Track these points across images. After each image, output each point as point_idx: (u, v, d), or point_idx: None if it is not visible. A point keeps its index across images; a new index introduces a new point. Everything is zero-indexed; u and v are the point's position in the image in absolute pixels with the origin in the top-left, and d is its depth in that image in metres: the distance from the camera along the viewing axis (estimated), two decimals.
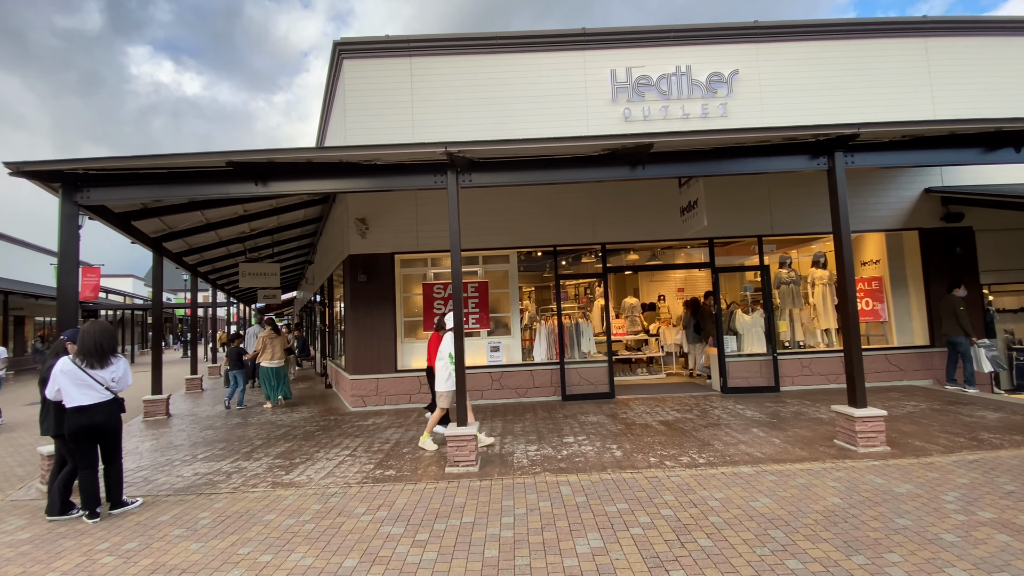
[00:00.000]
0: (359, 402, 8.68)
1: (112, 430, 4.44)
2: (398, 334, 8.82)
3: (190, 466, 5.78)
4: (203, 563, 3.46)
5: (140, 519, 4.27)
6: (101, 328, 4.58)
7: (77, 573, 3.38)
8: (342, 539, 3.73)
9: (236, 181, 5.62)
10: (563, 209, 8.87)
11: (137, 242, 8.66)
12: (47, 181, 5.40)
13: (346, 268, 9.05)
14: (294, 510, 4.31)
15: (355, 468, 5.35)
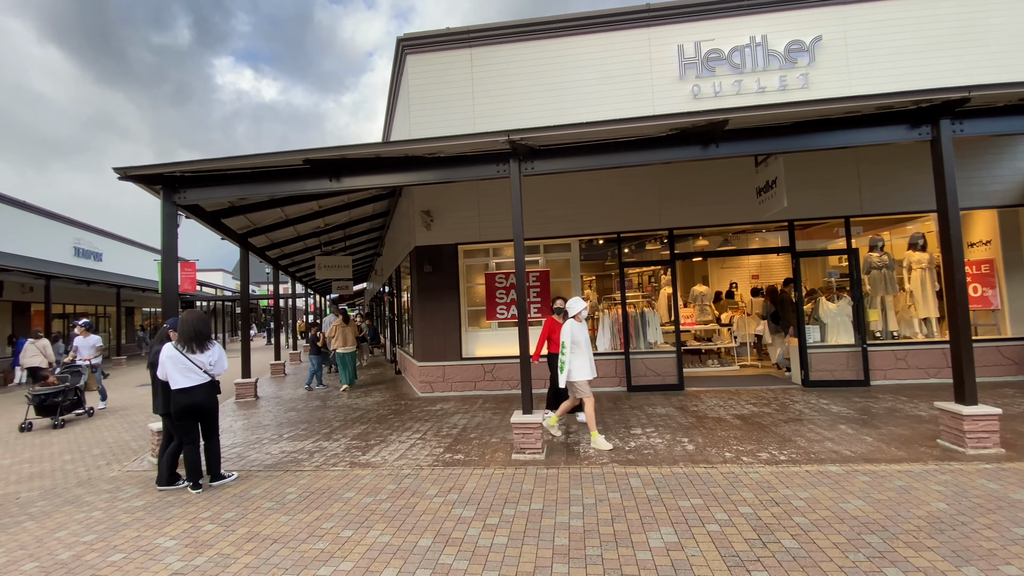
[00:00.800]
0: (427, 388, 8.90)
1: (210, 410, 4.82)
2: (462, 323, 8.94)
3: (277, 444, 6.17)
4: (291, 535, 3.67)
5: (236, 491, 4.62)
6: (197, 316, 4.97)
7: (184, 538, 3.71)
8: (416, 519, 3.83)
9: (312, 178, 5.87)
10: (627, 194, 8.57)
11: (226, 238, 9.34)
12: (149, 184, 5.91)
13: (412, 259, 9.26)
14: (371, 489, 4.48)
15: (426, 451, 5.49)
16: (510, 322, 8.92)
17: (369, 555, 3.33)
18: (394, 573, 3.11)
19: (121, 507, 4.40)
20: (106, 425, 8.16)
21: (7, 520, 4.23)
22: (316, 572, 3.14)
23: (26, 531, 3.97)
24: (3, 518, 4.27)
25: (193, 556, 3.42)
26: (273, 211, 9.18)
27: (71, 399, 8.33)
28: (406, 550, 3.37)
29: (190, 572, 3.21)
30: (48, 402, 8.06)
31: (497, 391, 8.63)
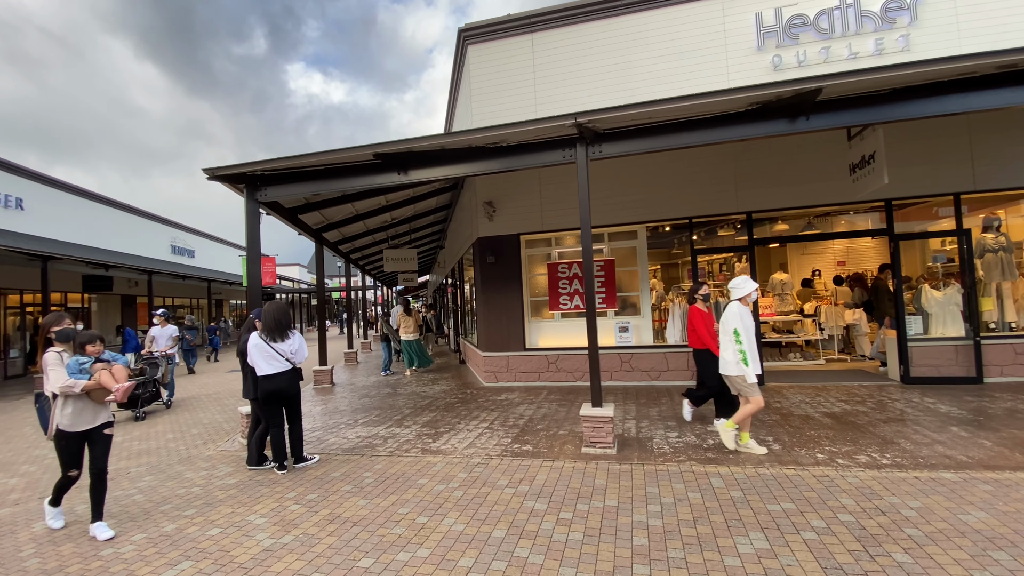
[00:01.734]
0: (491, 378, 8.92)
1: (292, 395, 5.04)
2: (525, 314, 8.85)
3: (352, 430, 6.39)
4: (370, 518, 3.75)
5: (317, 473, 4.81)
6: (278, 307, 5.20)
7: (272, 517, 3.89)
8: (489, 509, 3.79)
9: (380, 172, 5.96)
10: (700, 177, 8.07)
11: (303, 233, 9.79)
12: (234, 183, 6.25)
13: (475, 250, 9.27)
14: (443, 477, 4.51)
15: (494, 441, 5.47)
16: (573, 313, 8.73)
17: (445, 543, 3.32)
18: (470, 563, 3.07)
19: (216, 484, 4.70)
20: (201, 408, 8.85)
21: (119, 493, 4.64)
22: (395, 557, 3.17)
23: (135, 504, 4.33)
24: (115, 491, 4.69)
25: (281, 534, 3.57)
26: (344, 206, 9.51)
27: (150, 391, 8.23)
28: (480, 540, 3.33)
29: (279, 549, 3.35)
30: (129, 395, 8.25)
31: (562, 382, 8.49)
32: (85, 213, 18.68)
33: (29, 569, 3.27)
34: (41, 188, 16.64)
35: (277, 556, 3.26)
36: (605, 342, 8.28)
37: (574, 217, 8.51)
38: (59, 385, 3.64)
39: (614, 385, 8.12)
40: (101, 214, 19.80)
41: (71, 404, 3.71)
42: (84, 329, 4.68)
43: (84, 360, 3.81)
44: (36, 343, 9.93)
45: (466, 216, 10.43)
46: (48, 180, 17.13)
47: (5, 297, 15.12)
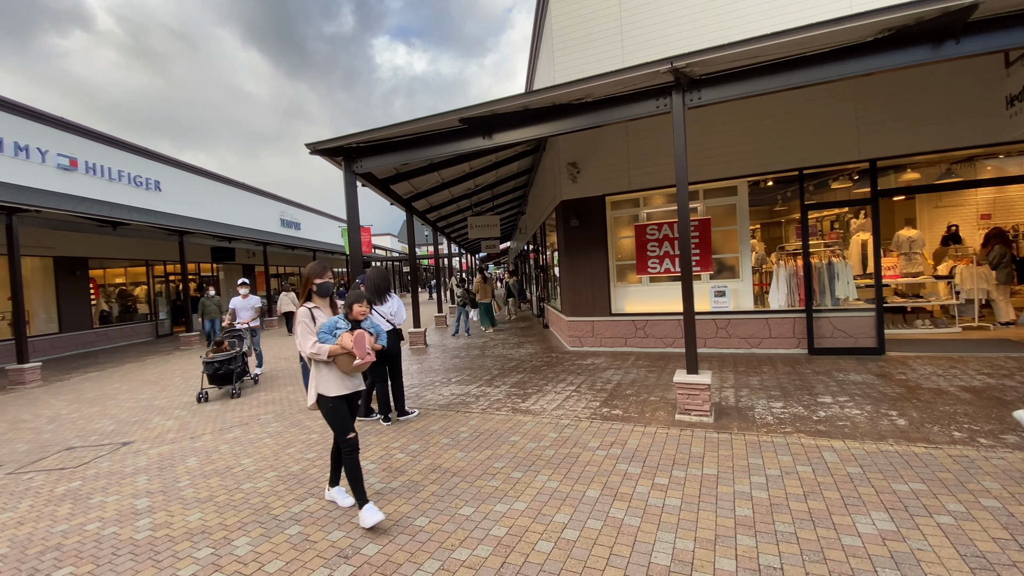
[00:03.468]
0: (576, 342, 8.88)
1: (394, 354, 5.37)
2: (611, 278, 8.62)
3: (447, 387, 6.71)
4: (468, 470, 3.94)
5: (418, 426, 5.13)
6: (378, 272, 5.48)
7: (380, 463, 4.21)
8: (581, 469, 3.81)
9: (466, 137, 5.96)
10: (812, 121, 7.17)
11: (394, 203, 10.21)
12: (332, 156, 6.60)
13: (558, 214, 9.11)
14: (534, 435, 4.60)
15: (582, 404, 5.47)
16: (663, 277, 8.34)
17: (539, 498, 3.40)
18: (565, 519, 3.12)
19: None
20: None
21: (252, 436, 5.28)
22: (493, 507, 3.31)
23: (266, 446, 4.90)
24: (249, 435, 5.34)
25: (389, 479, 3.86)
26: (431, 175, 9.73)
27: (241, 365, 7.50)
28: (574, 498, 3.36)
29: (388, 493, 3.63)
30: (223, 370, 7.19)
31: (650, 348, 8.24)
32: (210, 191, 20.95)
33: (186, 497, 3.85)
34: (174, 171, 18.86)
35: (387, 499, 3.53)
36: (700, 307, 7.84)
37: (665, 174, 8.00)
38: (306, 351, 3.22)
39: (708, 352, 7.73)
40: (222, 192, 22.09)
41: (330, 368, 3.27)
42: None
43: (341, 323, 3.31)
44: (202, 305, 11.24)
45: (548, 179, 10.24)
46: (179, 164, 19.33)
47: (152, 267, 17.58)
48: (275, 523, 3.29)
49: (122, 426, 6.08)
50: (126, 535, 3.28)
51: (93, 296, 15.11)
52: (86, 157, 14.67)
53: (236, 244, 19.38)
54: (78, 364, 11.74)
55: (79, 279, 14.32)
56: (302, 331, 3.25)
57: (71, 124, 14.30)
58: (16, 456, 5.16)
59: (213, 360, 7.17)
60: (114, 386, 8.75)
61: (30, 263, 12.60)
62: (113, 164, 15.65)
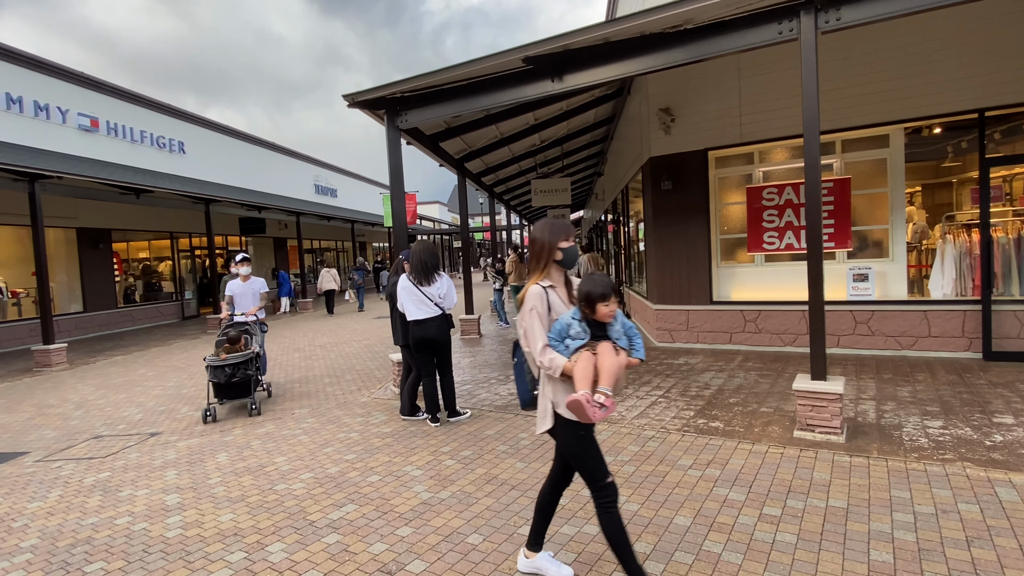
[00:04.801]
0: (665, 336, 8.76)
1: (443, 343, 5.56)
2: (713, 256, 8.38)
3: (504, 386, 6.88)
4: (529, 483, 4.03)
5: (471, 429, 5.31)
6: (424, 247, 5.67)
7: (428, 470, 4.42)
8: (668, 491, 3.79)
9: (530, 81, 5.95)
10: (1002, 44, 6.47)
11: (444, 164, 10.44)
12: (373, 109, 6.83)
13: (645, 175, 8.97)
14: (610, 447, 4.62)
15: (671, 412, 5.41)
16: (783, 255, 7.97)
17: None
18: (647, 548, 3.13)
19: (373, 431, 5.49)
20: (354, 354, 10.32)
21: (286, 432, 5.69)
22: (558, 529, 3.38)
23: (301, 444, 5.28)
24: (283, 430, 5.76)
25: (438, 489, 4.05)
26: (487, 129, 9.82)
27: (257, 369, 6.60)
28: (659, 525, 3.36)
29: (436, 504, 3.81)
30: (239, 376, 6.27)
31: (763, 347, 7.96)
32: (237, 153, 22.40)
33: (217, 495, 4.24)
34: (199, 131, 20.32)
35: (436, 511, 3.71)
36: (832, 295, 7.44)
37: (788, 121, 7.58)
38: (537, 354, 2.63)
39: (842, 353, 7.34)
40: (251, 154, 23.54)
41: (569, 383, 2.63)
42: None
43: (575, 328, 2.62)
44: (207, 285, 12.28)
45: (633, 131, 10.03)
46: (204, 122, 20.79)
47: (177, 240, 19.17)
48: (311, 529, 3.56)
49: (149, 415, 6.77)
50: (156, 532, 3.68)
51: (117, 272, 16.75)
52: (107, 116, 16.13)
53: (266, 214, 20.66)
54: (103, 346, 13.14)
55: (103, 253, 15.91)
56: (533, 324, 2.63)
57: (92, 80, 15.76)
58: (44, 443, 5.91)
59: (225, 363, 6.17)
60: (140, 371, 9.73)
61: (52, 235, 14.14)
62: (135, 124, 17.11)
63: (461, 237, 11.74)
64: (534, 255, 2.83)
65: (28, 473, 5.02)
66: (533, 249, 2.85)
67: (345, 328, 14.48)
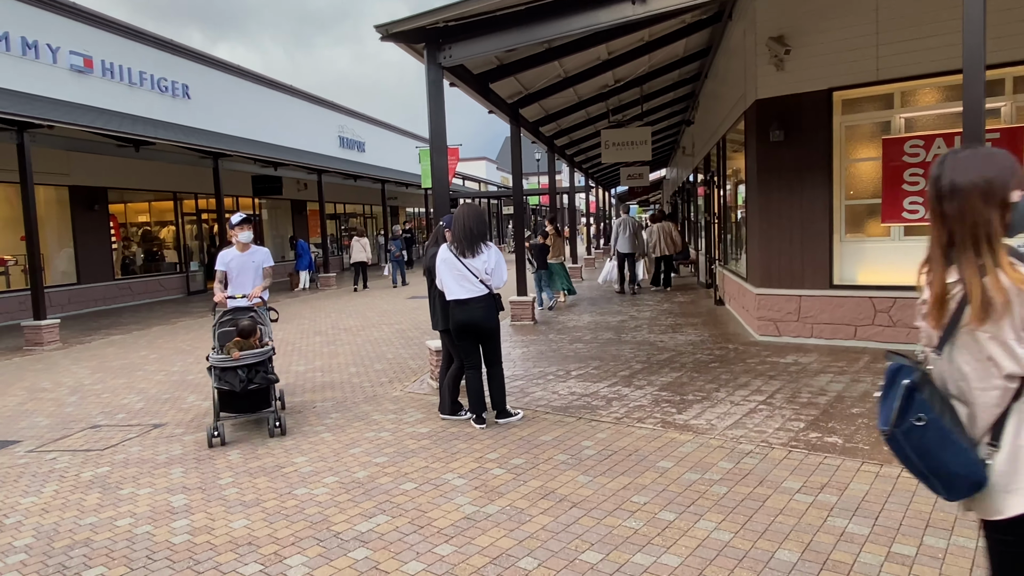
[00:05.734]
0: (770, 328, 8.62)
1: (490, 330, 5.62)
2: (835, 227, 8.15)
3: (564, 383, 6.94)
4: (594, 501, 4.06)
5: (523, 434, 5.38)
6: (471, 210, 5.71)
7: (472, 479, 4.51)
8: (768, 518, 3.75)
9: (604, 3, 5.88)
10: None
11: (494, 111, 10.46)
12: (411, 42, 6.89)
13: (749, 122, 8.79)
14: (695, 462, 4.59)
15: (775, 423, 5.34)
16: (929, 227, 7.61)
17: (701, 553, 3.41)
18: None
19: (407, 431, 5.64)
20: (384, 339, 10.59)
21: (307, 428, 5.91)
22: (630, 557, 3.40)
23: (324, 443, 5.48)
24: (303, 426, 5.99)
25: (484, 502, 4.13)
26: (548, 67, 9.77)
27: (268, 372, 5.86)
28: (756, 559, 3.33)
29: (482, 520, 3.89)
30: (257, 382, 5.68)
31: (899, 344, 7.71)
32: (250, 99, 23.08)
33: (228, 498, 4.46)
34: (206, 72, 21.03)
35: (481, 528, 3.79)
36: None
37: (942, 52, 7.17)
38: None
39: None
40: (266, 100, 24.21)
41: None
42: None
43: None
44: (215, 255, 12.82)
45: (735, 67, 9.76)
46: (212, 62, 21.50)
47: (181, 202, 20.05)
48: (336, 542, 3.71)
49: (152, 404, 7.17)
50: (161, 537, 3.93)
51: (114, 238, 17.71)
52: (103, 55, 16.92)
53: (283, 172, 21.29)
54: (99, 324, 13.96)
55: (98, 216, 16.83)
56: None
57: (85, 12, 16.54)
58: (37, 431, 6.36)
59: (239, 364, 5.59)
60: (141, 353, 10.30)
61: (42, 194, 15.03)
62: (134, 64, 17.88)
63: (513, 201, 11.76)
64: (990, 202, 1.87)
65: (20, 464, 5.42)
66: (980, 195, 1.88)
67: (373, 309, 14.84)
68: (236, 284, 6.49)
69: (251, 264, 6.52)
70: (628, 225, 15.07)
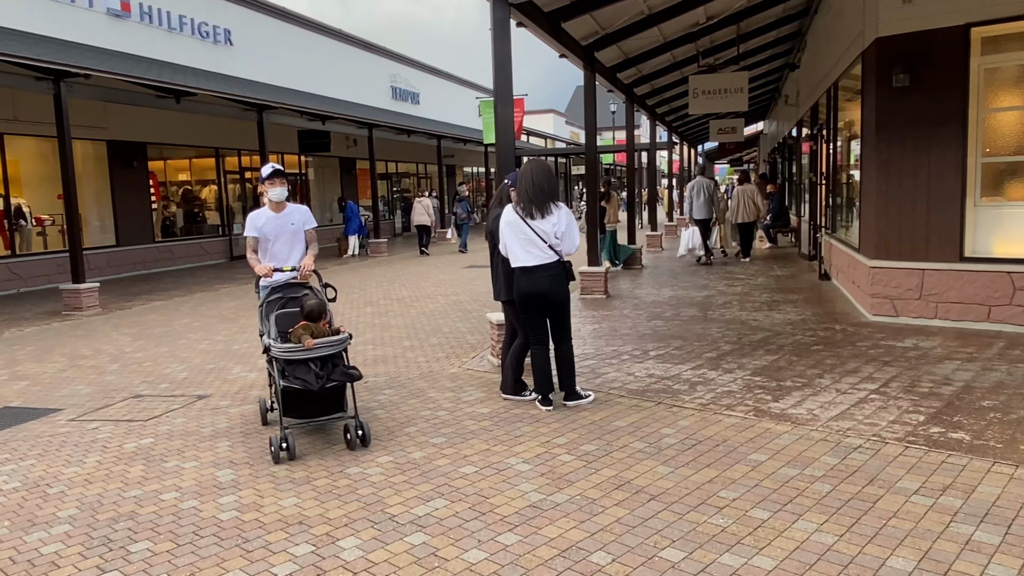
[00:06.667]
0: (885, 307, 8.50)
1: (559, 302, 5.64)
2: (968, 189, 7.96)
3: (641, 364, 6.95)
4: (675, 494, 4.06)
5: (594, 418, 5.41)
6: (538, 166, 5.70)
7: (538, 465, 4.57)
8: (879, 521, 3.68)
9: None
10: None
11: (566, 54, 10.37)
12: None
13: (867, 65, 8.62)
14: (794, 456, 4.53)
15: (889, 414, 5.24)
16: None
17: (799, 556, 3.38)
18: None
19: (466, 411, 5.76)
20: (439, 311, 10.77)
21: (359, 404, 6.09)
22: (717, 557, 3.39)
23: (377, 420, 5.66)
24: None
25: (551, 490, 4.19)
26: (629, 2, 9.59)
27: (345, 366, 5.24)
28: (866, 567, 3.27)
29: (549, 509, 3.95)
30: (335, 379, 5.00)
31: None
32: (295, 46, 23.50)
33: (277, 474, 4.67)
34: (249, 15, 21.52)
35: (548, 517, 3.85)
36: None
37: None
38: None
39: None
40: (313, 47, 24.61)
41: None
42: None
43: None
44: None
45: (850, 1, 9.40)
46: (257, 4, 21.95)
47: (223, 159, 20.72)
48: (392, 525, 3.84)
49: (196, 374, 7.53)
50: (208, 513, 4.14)
51: (154, 198, 18.48)
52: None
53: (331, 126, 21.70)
54: (139, 289, 14.67)
55: (137, 174, 17.60)
56: None
57: None
58: (78, 399, 6.78)
59: (312, 356, 4.92)
60: (183, 320, 10.81)
61: (80, 149, 15.80)
62: (173, 7, 18.45)
63: (586, 158, 11.67)
64: None
65: (62, 433, 5.79)
66: None
67: (427, 278, 15.06)
68: (272, 253, 5.77)
69: (288, 227, 5.81)
70: (703, 188, 14.98)
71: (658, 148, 25.19)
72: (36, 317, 11.62)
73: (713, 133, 23.53)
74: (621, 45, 11.64)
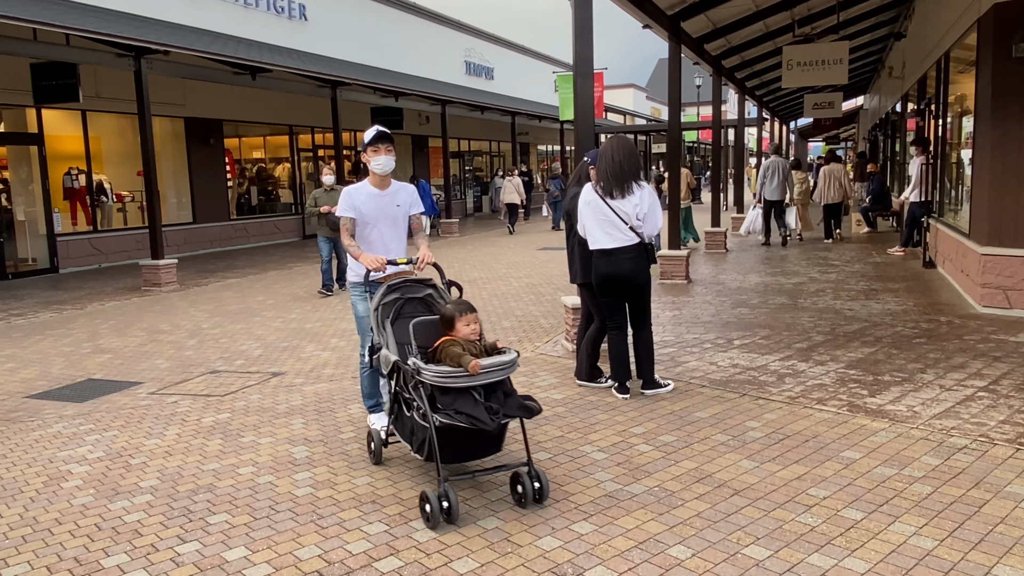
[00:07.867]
0: (997, 299, 8.28)
1: (639, 285, 5.60)
2: None
3: (724, 353, 6.88)
4: (759, 490, 4.01)
5: (674, 408, 5.39)
6: (621, 143, 5.65)
7: (614, 454, 4.58)
8: (985, 527, 3.56)
9: None
10: None
11: (649, 25, 10.23)
12: None
13: (983, 33, 8.36)
14: (891, 455, 4.43)
15: (999, 414, 5.08)
16: None
17: (895, 559, 3.30)
18: None
19: (539, 396, 5.78)
20: (511, 293, 10.85)
21: None
22: (804, 557, 3.34)
23: None
24: None
25: (628, 480, 4.20)
26: None
27: None
28: (968, 574, 3.18)
29: (626, 499, 3.96)
30: (511, 408, 3.87)
31: None
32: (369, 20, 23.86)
33: (350, 452, 4.82)
34: None
35: (624, 508, 3.86)
36: None
37: None
38: None
39: None
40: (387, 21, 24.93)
41: None
42: None
43: None
44: (313, 200, 13.60)
45: None
46: None
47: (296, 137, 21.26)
48: (465, 508, 3.93)
49: (270, 351, 7.85)
50: (284, 488, 4.32)
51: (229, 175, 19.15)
52: None
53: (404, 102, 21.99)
54: (215, 266, 15.28)
55: (214, 151, 18.26)
56: None
57: None
58: (158, 374, 7.17)
59: (479, 384, 3.79)
60: (257, 299, 11.23)
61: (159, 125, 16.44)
62: None
63: (669, 136, 11.50)
64: None
65: (143, 406, 6.13)
66: None
67: (500, 260, 15.17)
68: (368, 241, 4.94)
69: (393, 209, 4.98)
70: (778, 169, 14.85)
71: (747, 124, 24.59)
72: (117, 292, 12.26)
73: (808, 108, 22.80)
74: (709, 14, 11.42)
